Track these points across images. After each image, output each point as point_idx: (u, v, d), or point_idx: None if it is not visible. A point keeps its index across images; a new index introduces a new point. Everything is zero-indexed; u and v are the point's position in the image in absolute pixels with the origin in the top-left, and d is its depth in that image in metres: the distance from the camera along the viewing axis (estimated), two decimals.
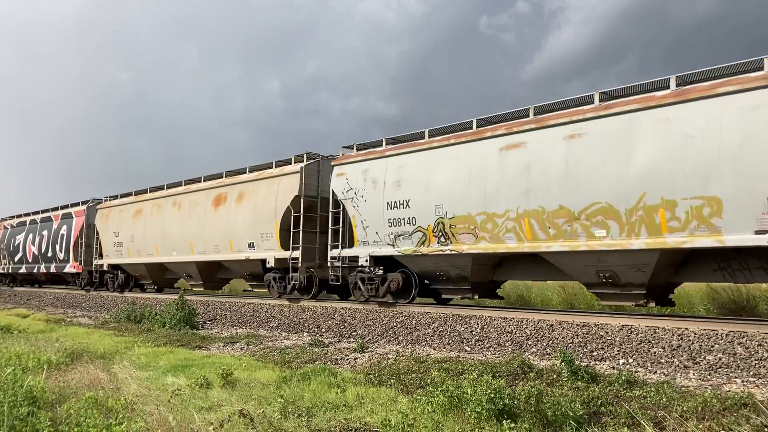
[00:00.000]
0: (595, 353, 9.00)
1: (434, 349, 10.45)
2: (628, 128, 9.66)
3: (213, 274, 19.49)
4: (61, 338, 12.34)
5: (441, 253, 12.27)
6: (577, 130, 10.26)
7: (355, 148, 14.73)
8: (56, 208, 28.05)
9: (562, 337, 9.68)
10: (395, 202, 13.07)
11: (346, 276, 14.55)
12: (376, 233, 13.52)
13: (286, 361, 9.50)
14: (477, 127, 12.16)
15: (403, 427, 5.03)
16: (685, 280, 10.51)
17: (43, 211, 29.23)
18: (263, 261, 16.25)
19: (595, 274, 10.39)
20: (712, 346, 8.18)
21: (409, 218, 12.85)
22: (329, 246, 14.77)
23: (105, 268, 24.17)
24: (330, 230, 14.77)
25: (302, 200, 15.29)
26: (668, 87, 9.63)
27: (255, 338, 12.38)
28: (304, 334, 13.03)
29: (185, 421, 5.65)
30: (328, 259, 14.71)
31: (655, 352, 8.49)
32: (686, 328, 8.81)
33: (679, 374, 7.75)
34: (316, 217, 15.37)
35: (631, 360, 8.54)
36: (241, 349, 11.26)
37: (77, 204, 26.60)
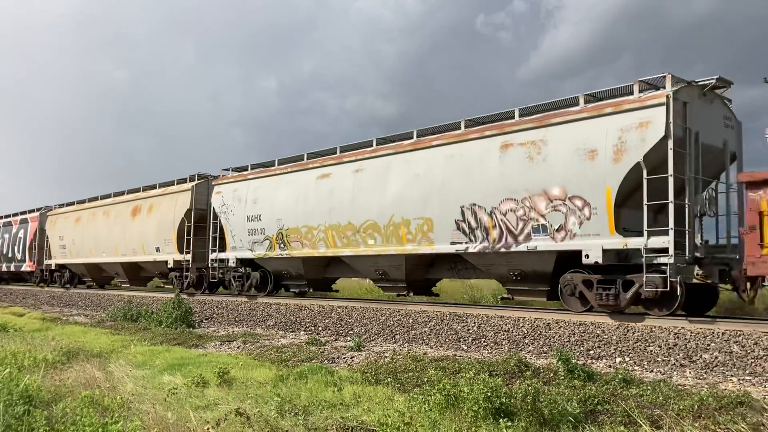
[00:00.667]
0: (591, 352, 9.01)
1: (431, 348, 10.45)
2: (387, 167, 13.19)
3: (136, 273, 22.62)
4: (57, 337, 12.31)
5: (281, 256, 15.81)
6: (359, 167, 13.84)
7: (231, 171, 18.14)
8: (16, 214, 31.79)
9: (559, 336, 9.69)
10: (252, 216, 16.45)
11: (224, 274, 17.81)
12: (240, 240, 16.90)
13: (283, 359, 9.49)
14: (307, 159, 15.71)
15: (399, 425, 5.03)
16: (433, 276, 13.86)
17: (5, 216, 32.82)
18: (166, 262, 19.65)
19: (374, 272, 14.04)
20: (709, 345, 8.20)
21: (261, 229, 16.24)
22: (209, 250, 18.04)
23: (53, 267, 27.43)
24: (210, 237, 18.03)
25: (193, 213, 18.66)
26: (411, 137, 13.34)
27: (252, 337, 12.37)
28: (301, 333, 13.02)
29: (181, 419, 5.64)
30: (209, 260, 18.02)
31: (651, 351, 8.51)
32: (683, 327, 8.83)
33: (675, 373, 7.77)
34: (206, 226, 18.26)
35: (627, 358, 8.56)
36: (238, 347, 11.24)
37: (33, 210, 30.24)
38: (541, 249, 10.55)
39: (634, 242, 9.52)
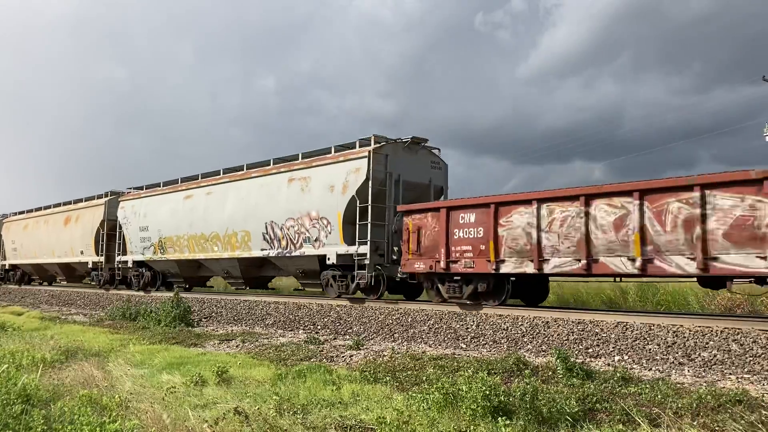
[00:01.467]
0: (590, 350, 9.01)
1: (430, 347, 10.45)
2: (226, 191, 17.93)
3: (71, 272, 27.39)
4: (55, 336, 12.29)
5: (161, 259, 20.58)
6: (210, 191, 18.61)
7: (132, 189, 23.17)
8: None
9: (558, 334, 9.69)
10: (142, 227, 21.26)
11: (127, 273, 22.73)
12: (135, 246, 21.68)
13: (282, 358, 9.48)
14: (180, 182, 20.40)
15: (398, 424, 5.02)
16: (266, 274, 18.33)
17: None
18: (87, 263, 24.71)
19: (221, 271, 18.88)
20: (707, 343, 8.20)
21: (148, 237, 21.00)
22: (116, 254, 23.01)
23: (7, 267, 32.63)
24: (117, 243, 23.05)
25: (106, 223, 23.60)
26: (242, 170, 17.96)
27: (250, 336, 12.36)
28: (300, 332, 13.01)
29: (180, 418, 5.63)
30: (116, 262, 22.97)
31: (650, 349, 8.51)
32: (681, 325, 8.83)
33: (674, 371, 7.77)
34: (116, 234, 23.29)
35: (626, 357, 8.56)
36: (237, 346, 11.24)
37: None
38: (308, 254, 15.11)
39: (351, 249, 13.98)
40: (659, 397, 6.05)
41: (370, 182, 13.68)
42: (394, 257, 13.50)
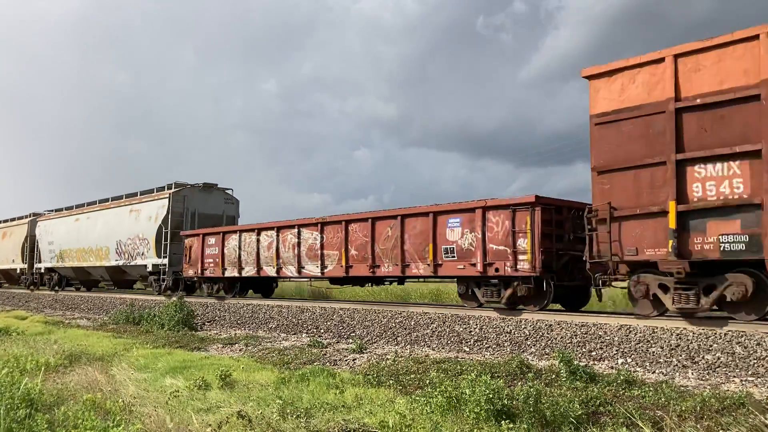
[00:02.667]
0: (593, 353, 8.99)
1: (433, 350, 10.44)
2: (98, 216, 24.61)
3: (10, 277, 33.73)
4: (59, 340, 12.32)
5: (62, 266, 26.97)
6: (89, 216, 25.33)
7: (46, 212, 30.47)
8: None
9: (561, 337, 9.67)
10: (50, 241, 27.91)
11: (42, 277, 29.07)
12: (46, 256, 28.21)
13: (285, 362, 9.49)
14: (75, 208, 27.30)
15: (401, 427, 5.03)
16: (130, 278, 24.80)
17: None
18: (17, 269, 31.61)
19: (99, 276, 25.72)
20: (711, 346, 8.18)
21: (53, 249, 27.51)
22: (35, 262, 29.39)
23: None
24: (36, 254, 29.47)
25: (29, 238, 30.15)
26: (108, 201, 25.23)
27: (254, 339, 12.37)
28: (303, 335, 13.02)
29: (183, 422, 5.64)
30: (34, 268, 29.52)
31: (653, 352, 8.49)
32: (685, 328, 8.81)
33: (677, 374, 7.75)
34: (35, 246, 29.67)
35: (629, 360, 8.54)
36: (240, 350, 11.25)
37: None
38: (139, 264, 21.68)
39: (158, 261, 20.70)
40: (663, 400, 6.04)
41: (170, 215, 20.72)
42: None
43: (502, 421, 5.09)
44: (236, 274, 17.09)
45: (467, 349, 10.25)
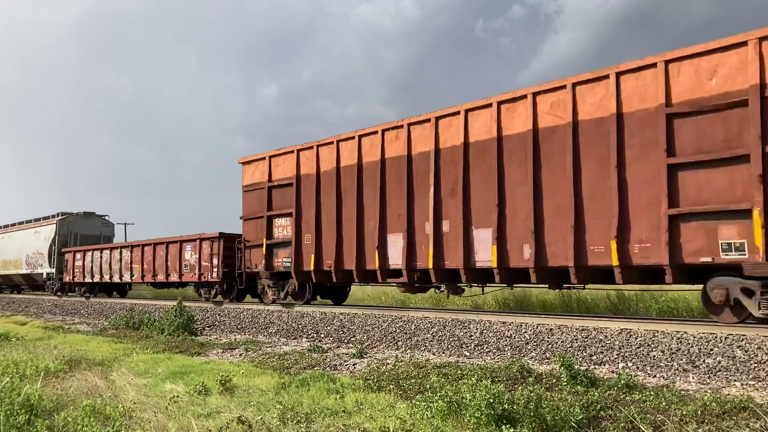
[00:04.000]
0: (594, 357, 8.98)
1: (433, 354, 10.43)
2: (16, 234, 32.75)
3: None
4: (59, 345, 12.31)
5: None
6: (9, 235, 33.46)
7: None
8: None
9: (562, 341, 9.66)
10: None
11: None
12: None
13: (285, 367, 9.48)
14: (11, 226, 34.13)
15: None
16: (34, 283, 32.08)
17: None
18: None
19: (17, 283, 34.26)
20: (712, 350, 8.17)
21: None
22: None
23: None
24: None
25: None
26: (22, 223, 33.52)
27: (254, 344, 12.36)
28: (303, 340, 13.00)
29: (183, 428, 5.63)
30: None
31: (654, 356, 8.48)
32: (685, 332, 8.80)
33: (678, 378, 7.74)
34: None
35: (630, 364, 8.53)
36: (240, 355, 11.23)
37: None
38: (39, 272, 29.67)
39: (49, 270, 29.18)
40: (663, 404, 6.03)
41: (57, 236, 28.50)
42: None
43: (503, 426, 5.08)
44: (90, 280, 25.57)
45: (467, 354, 10.24)
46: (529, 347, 9.85)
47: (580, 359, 8.92)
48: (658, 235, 9.05)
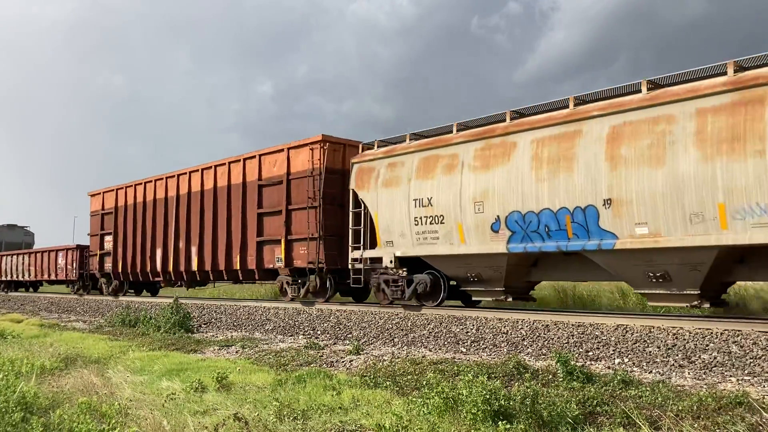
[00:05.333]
0: (590, 353, 9.00)
1: (430, 351, 10.43)
2: None
3: None
4: (55, 343, 12.27)
5: None
6: None
7: None
8: None
9: (558, 338, 9.68)
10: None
11: None
12: None
13: (282, 364, 9.47)
14: None
15: (398, 429, 5.02)
16: None
17: None
18: None
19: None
20: (707, 345, 8.19)
21: None
22: None
23: None
24: None
25: None
26: None
27: (250, 341, 12.34)
28: (300, 337, 12.99)
29: (179, 425, 5.62)
30: None
31: (650, 352, 8.50)
32: (681, 327, 8.82)
33: (674, 373, 7.76)
34: None
35: (626, 359, 8.55)
36: (237, 352, 11.22)
37: None
38: None
39: None
40: (660, 399, 6.04)
41: None
42: None
43: (499, 422, 5.08)
44: (8, 278, 33.39)
45: (464, 350, 10.24)
46: (525, 343, 9.87)
47: (577, 355, 8.93)
48: (254, 251, 16.76)
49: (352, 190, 14.16)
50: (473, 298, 13.47)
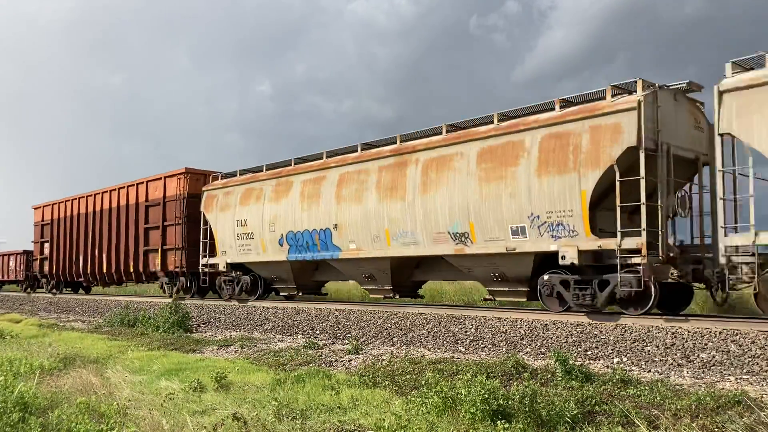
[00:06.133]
0: (589, 352, 9.00)
1: (429, 350, 10.43)
2: None
3: None
4: (54, 343, 12.26)
5: None
6: None
7: None
8: None
9: (557, 337, 9.68)
10: None
11: None
12: None
13: (281, 363, 9.47)
14: None
15: (397, 428, 5.02)
16: None
17: None
18: None
19: None
20: (706, 344, 8.20)
21: None
22: None
23: None
24: None
25: None
26: None
27: (249, 341, 12.34)
28: (299, 336, 12.99)
29: (178, 425, 5.62)
30: None
31: (649, 351, 8.51)
32: (680, 327, 8.83)
33: (673, 372, 7.76)
34: None
35: (625, 359, 8.55)
36: (235, 352, 11.22)
37: None
38: None
39: None
40: (658, 398, 6.05)
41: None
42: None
43: (498, 421, 5.08)
44: None
45: (463, 350, 10.25)
46: (524, 343, 9.87)
47: (575, 354, 8.94)
48: (142, 258, 21.46)
49: (202, 211, 18.65)
50: (280, 293, 17.83)
